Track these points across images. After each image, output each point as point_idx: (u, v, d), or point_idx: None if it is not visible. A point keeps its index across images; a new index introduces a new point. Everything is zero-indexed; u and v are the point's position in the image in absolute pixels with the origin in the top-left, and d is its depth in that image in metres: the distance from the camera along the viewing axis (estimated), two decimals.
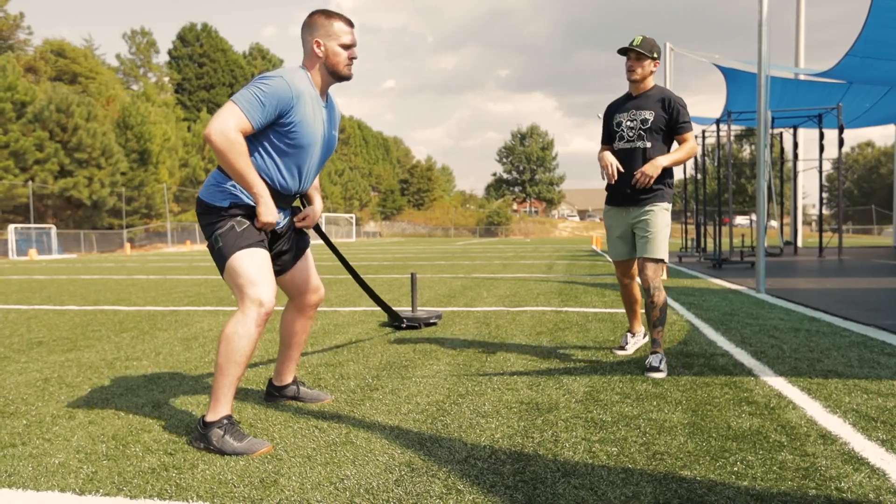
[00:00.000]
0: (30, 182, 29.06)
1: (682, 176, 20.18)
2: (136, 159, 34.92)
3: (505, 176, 75.73)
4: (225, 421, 2.35)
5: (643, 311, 3.83)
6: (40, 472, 2.14)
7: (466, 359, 3.84)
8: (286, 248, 2.74)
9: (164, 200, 37.11)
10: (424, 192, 71.97)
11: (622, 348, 3.97)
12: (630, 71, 3.55)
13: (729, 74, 15.01)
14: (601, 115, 3.87)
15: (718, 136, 13.59)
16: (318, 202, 2.85)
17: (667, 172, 3.56)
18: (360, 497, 1.90)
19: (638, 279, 3.74)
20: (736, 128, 17.04)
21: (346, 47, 2.52)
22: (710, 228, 15.61)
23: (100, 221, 33.07)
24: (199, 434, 2.36)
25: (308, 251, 2.86)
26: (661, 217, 3.56)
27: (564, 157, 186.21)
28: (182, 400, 3.04)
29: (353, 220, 56.65)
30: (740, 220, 43.75)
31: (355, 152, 67.20)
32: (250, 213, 2.48)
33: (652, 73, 3.57)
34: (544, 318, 5.46)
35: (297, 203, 2.84)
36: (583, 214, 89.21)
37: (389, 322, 4.99)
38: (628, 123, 3.58)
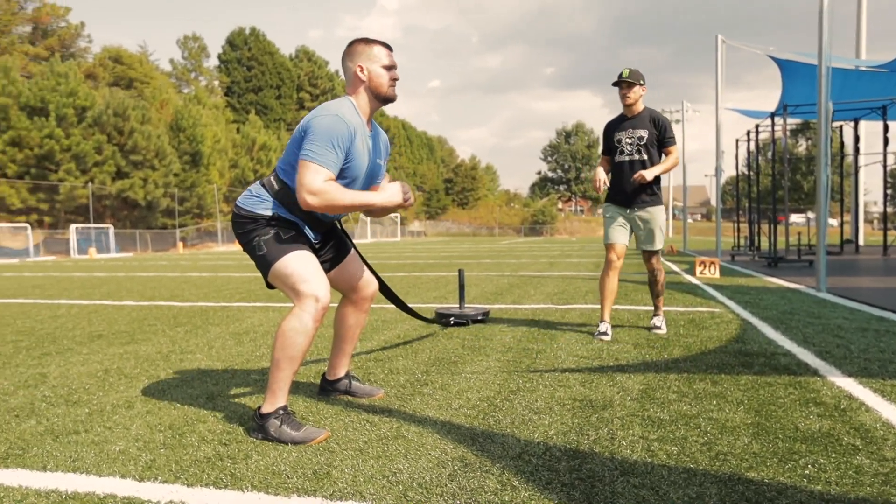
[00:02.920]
0: (89, 184, 30.23)
1: (733, 173, 19.58)
2: (188, 161, 35.94)
3: (550, 174, 75.17)
4: (281, 411, 2.37)
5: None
6: (102, 459, 2.19)
7: (516, 356, 3.78)
8: (328, 256, 2.77)
9: (214, 201, 38.08)
10: (469, 191, 71.99)
11: (604, 334, 4.35)
12: (624, 97, 4.34)
13: (785, 66, 14.48)
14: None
15: (773, 130, 13.13)
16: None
17: (657, 179, 4.39)
18: (414, 490, 1.87)
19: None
20: (791, 122, 16.45)
21: (388, 68, 2.54)
22: (763, 227, 15.11)
23: (154, 221, 34.16)
24: (257, 425, 2.38)
25: (353, 250, 2.87)
26: (660, 216, 4.44)
27: None
28: (235, 392, 3.08)
29: (398, 220, 57.04)
30: (795, 218, 42.29)
31: (400, 152, 67.66)
32: (291, 226, 2.52)
33: (641, 96, 4.35)
34: (594, 317, 5.35)
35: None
36: None
37: (437, 319, 4.97)
38: (627, 140, 4.38)
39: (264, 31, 56.72)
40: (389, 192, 2.49)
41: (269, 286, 2.61)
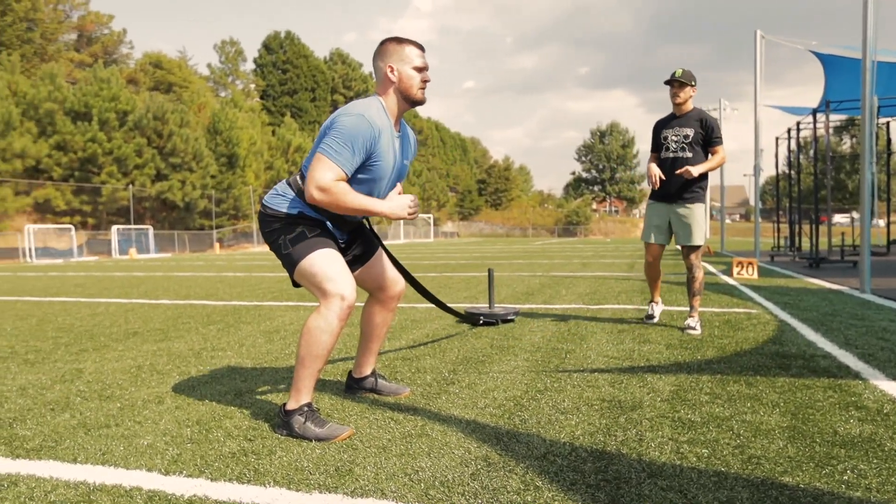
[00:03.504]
0: (130, 186, 31.03)
1: (773, 172, 19.14)
2: (224, 163, 36.60)
3: (584, 175, 74.36)
4: (305, 408, 2.37)
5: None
6: (130, 452, 2.22)
7: (545, 355, 3.73)
8: (355, 255, 2.75)
9: (250, 202, 38.69)
10: (502, 192, 71.74)
11: (651, 317, 4.84)
12: (675, 96, 4.47)
13: (827, 61, 14.06)
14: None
15: (815, 127, 12.75)
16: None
17: (702, 177, 4.46)
18: (435, 489, 1.85)
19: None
20: (834, 119, 15.96)
21: (420, 70, 2.50)
22: (805, 227, 14.69)
23: (192, 222, 34.87)
24: (281, 421, 2.39)
25: (380, 249, 2.85)
26: (699, 213, 4.50)
27: (646, 155, 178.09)
28: (263, 389, 3.10)
29: (431, 221, 57.14)
30: (839, 218, 41.03)
31: (433, 153, 67.78)
32: (317, 224, 2.51)
33: (691, 97, 4.47)
34: (626, 317, 5.26)
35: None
36: None
37: (466, 318, 4.94)
38: (673, 138, 4.51)
39: (299, 35, 57.44)
40: (396, 203, 2.44)
41: (296, 284, 2.61)
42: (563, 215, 66.13)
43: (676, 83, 4.43)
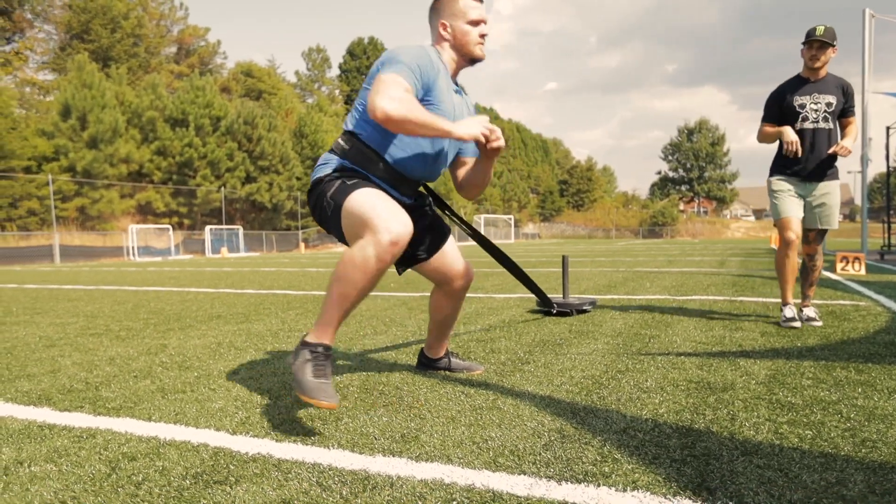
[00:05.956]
0: (222, 188, 32.57)
1: (883, 168, 17.67)
2: (309, 165, 37.80)
3: (671, 174, 71.77)
4: (320, 349, 2.06)
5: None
6: (202, 414, 2.23)
7: (626, 340, 3.53)
8: (425, 244, 2.48)
9: None
10: (584, 192, 70.37)
11: (791, 320, 3.89)
12: (813, 59, 3.78)
13: None
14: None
15: None
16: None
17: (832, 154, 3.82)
18: (504, 457, 1.73)
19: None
20: None
21: (475, 24, 2.31)
22: None
23: (279, 223, 36.22)
24: (296, 349, 2.12)
25: (449, 238, 2.59)
26: (838, 192, 3.93)
27: (737, 153, 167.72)
28: (335, 365, 3.08)
29: (512, 222, 56.77)
30: None
31: (514, 154, 67.40)
32: (357, 175, 2.26)
33: (830, 59, 3.80)
34: (716, 306, 4.94)
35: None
36: (759, 214, 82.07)
37: (539, 308, 4.78)
38: (812, 106, 3.83)
39: (383, 40, 58.51)
40: (469, 122, 2.07)
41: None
42: (648, 216, 64.05)
43: (817, 43, 3.73)
